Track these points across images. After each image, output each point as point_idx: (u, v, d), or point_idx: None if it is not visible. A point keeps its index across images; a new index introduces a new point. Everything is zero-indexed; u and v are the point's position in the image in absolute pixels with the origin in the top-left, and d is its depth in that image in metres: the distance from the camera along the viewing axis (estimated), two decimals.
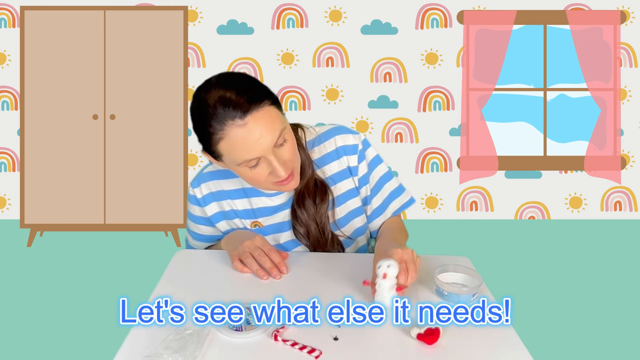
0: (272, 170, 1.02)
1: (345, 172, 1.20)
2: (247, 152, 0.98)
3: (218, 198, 1.21)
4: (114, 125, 3.37)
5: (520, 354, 0.81)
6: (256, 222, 1.20)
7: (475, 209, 3.96)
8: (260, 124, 0.97)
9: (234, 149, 0.98)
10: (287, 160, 1.03)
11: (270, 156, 1.00)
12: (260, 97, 0.98)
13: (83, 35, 3.33)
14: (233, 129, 0.96)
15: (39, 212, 3.33)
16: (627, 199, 3.94)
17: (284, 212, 1.19)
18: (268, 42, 3.82)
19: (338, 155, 1.19)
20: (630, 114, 3.89)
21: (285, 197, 1.19)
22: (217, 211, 1.22)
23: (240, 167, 1.02)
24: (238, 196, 1.20)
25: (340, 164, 1.20)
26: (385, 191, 1.24)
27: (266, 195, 1.19)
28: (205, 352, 0.79)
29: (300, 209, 1.16)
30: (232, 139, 0.97)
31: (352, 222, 1.22)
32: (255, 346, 0.81)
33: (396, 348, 0.81)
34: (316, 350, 0.79)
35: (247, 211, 1.20)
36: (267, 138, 0.97)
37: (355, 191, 1.22)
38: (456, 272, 1.03)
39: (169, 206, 3.38)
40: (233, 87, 0.98)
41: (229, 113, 0.96)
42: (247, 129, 0.96)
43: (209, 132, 0.98)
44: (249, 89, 0.99)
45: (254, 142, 0.97)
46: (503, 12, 3.79)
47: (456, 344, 0.82)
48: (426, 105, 3.89)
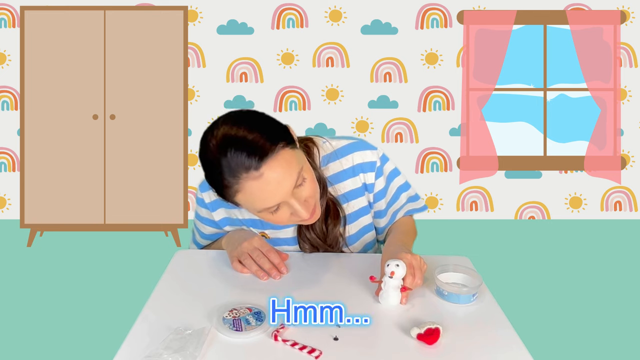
0: (293, 213, 0.98)
1: (360, 190, 1.18)
2: (265, 202, 0.93)
3: (226, 205, 1.19)
4: (114, 125, 3.37)
5: (520, 354, 0.81)
6: (263, 233, 1.19)
7: (475, 209, 3.96)
8: (277, 172, 0.91)
9: (252, 200, 0.94)
10: (308, 198, 0.98)
11: (291, 200, 0.95)
12: (274, 141, 0.92)
13: (83, 35, 3.33)
14: (248, 182, 0.90)
15: (39, 212, 3.33)
16: (627, 199, 3.94)
17: (289, 229, 1.19)
18: (268, 42, 3.81)
19: (354, 173, 1.16)
20: (630, 114, 3.89)
21: None
22: (225, 217, 1.21)
23: (261, 214, 0.98)
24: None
25: (355, 182, 1.16)
26: (401, 200, 1.25)
27: None
28: (205, 352, 0.79)
29: (307, 229, 1.15)
30: (249, 191, 0.92)
31: (363, 238, 1.23)
32: (255, 346, 0.81)
33: (396, 348, 0.81)
34: (316, 350, 0.79)
35: (255, 221, 1.19)
36: (285, 184, 0.92)
37: (368, 208, 1.21)
38: (456, 272, 1.03)
39: (169, 206, 3.38)
40: (243, 134, 0.91)
41: (242, 165, 0.89)
42: (264, 179, 0.90)
43: (224, 185, 0.94)
44: (261, 133, 0.92)
45: (272, 192, 0.92)
46: (503, 12, 3.79)
47: (456, 344, 0.82)
48: (426, 105, 3.89)
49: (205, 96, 3.84)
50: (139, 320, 0.89)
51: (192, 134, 3.84)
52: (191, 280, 1.05)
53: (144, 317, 0.90)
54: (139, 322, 0.88)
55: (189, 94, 3.79)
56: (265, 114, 0.99)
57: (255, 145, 0.90)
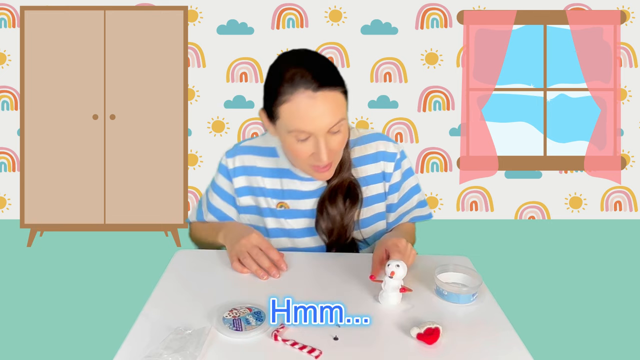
0: (316, 152, 1.04)
1: (379, 176, 1.23)
2: (303, 123, 1.01)
3: (249, 173, 1.22)
4: (114, 125, 3.37)
5: (520, 354, 0.81)
6: (282, 203, 1.20)
7: (475, 209, 3.96)
8: (327, 104, 1.01)
9: (294, 115, 1.01)
10: (333, 150, 1.06)
11: (321, 138, 1.03)
12: (337, 81, 1.04)
13: (83, 35, 3.33)
14: (301, 97, 1.00)
15: (39, 212, 3.33)
16: (627, 199, 3.94)
17: (311, 200, 1.20)
18: (268, 42, 3.82)
19: (376, 159, 1.23)
20: (630, 114, 3.89)
21: (317, 186, 1.20)
22: (245, 185, 1.22)
23: (289, 136, 1.04)
24: (270, 175, 1.21)
25: (376, 167, 1.23)
26: (412, 202, 1.29)
27: (298, 179, 1.20)
28: (205, 352, 0.79)
29: (330, 205, 1.17)
30: (296, 105, 1.00)
31: (374, 225, 1.24)
32: (255, 346, 0.81)
33: (396, 348, 0.81)
34: (316, 350, 0.79)
35: (276, 191, 1.21)
36: (326, 119, 1.01)
37: (383, 196, 1.25)
38: (456, 272, 1.03)
39: (169, 206, 3.38)
40: (317, 63, 1.03)
41: (304, 82, 1.00)
42: (314, 102, 1.00)
43: (278, 92, 1.02)
44: (330, 71, 1.04)
45: (313, 117, 1.00)
46: (503, 12, 3.79)
47: (456, 344, 0.82)
48: (426, 105, 3.90)
49: (205, 96, 3.84)
50: (139, 320, 0.89)
51: (192, 134, 3.84)
52: (191, 280, 1.05)
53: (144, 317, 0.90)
54: (139, 322, 0.88)
55: (189, 94, 3.79)
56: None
57: (324, 73, 1.02)
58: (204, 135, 3.86)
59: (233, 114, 3.86)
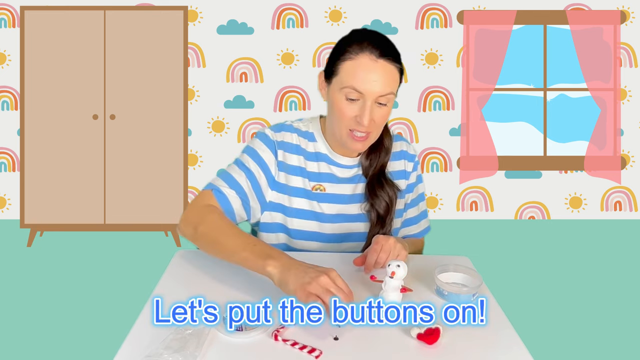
0: (360, 115, 1.09)
1: (402, 174, 1.30)
2: (359, 82, 1.08)
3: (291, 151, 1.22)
4: (114, 125, 3.37)
5: (520, 354, 0.81)
6: (319, 186, 1.22)
7: (475, 209, 3.96)
8: (384, 73, 1.08)
9: (352, 72, 1.09)
10: (375, 120, 1.11)
11: (369, 101, 1.09)
12: (397, 58, 1.12)
13: (83, 35, 3.33)
14: (364, 58, 1.08)
15: (39, 212, 3.33)
16: (627, 199, 3.94)
17: (347, 186, 1.23)
18: (268, 42, 3.82)
19: (400, 157, 1.31)
20: (630, 114, 3.89)
21: (353, 173, 1.24)
22: (282, 161, 1.21)
23: (340, 93, 1.11)
24: (311, 158, 1.23)
25: (400, 164, 1.30)
26: (420, 207, 1.35)
27: (335, 165, 1.23)
28: (205, 352, 0.79)
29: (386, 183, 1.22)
30: (358, 64, 1.08)
31: (396, 220, 1.28)
32: (255, 346, 0.81)
33: (396, 348, 0.81)
34: (316, 350, 0.79)
35: (313, 174, 1.22)
36: (379, 85, 1.08)
37: (403, 194, 1.30)
38: (456, 272, 1.03)
39: (169, 206, 3.38)
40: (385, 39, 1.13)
41: (370, 48, 1.09)
42: (374, 66, 1.08)
43: (345, 50, 1.11)
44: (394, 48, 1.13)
45: (370, 80, 1.08)
46: (503, 12, 3.79)
47: (456, 344, 0.82)
48: (426, 105, 3.90)
49: (205, 96, 3.84)
50: (139, 320, 0.89)
51: (192, 134, 3.84)
52: (191, 280, 1.04)
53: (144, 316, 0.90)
54: (139, 322, 0.88)
55: (189, 94, 3.79)
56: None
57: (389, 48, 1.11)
58: (204, 135, 3.86)
59: (233, 114, 3.86)
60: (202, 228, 1.07)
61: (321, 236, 1.22)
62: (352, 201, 1.24)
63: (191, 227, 1.09)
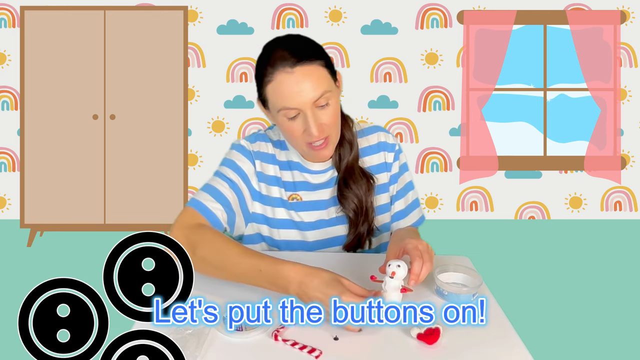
0: (307, 127, 1.06)
1: (382, 166, 1.26)
2: (287, 100, 1.04)
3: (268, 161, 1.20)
4: (114, 125, 3.37)
5: (520, 353, 0.81)
6: (295, 195, 1.20)
7: (475, 209, 3.96)
8: (306, 78, 1.03)
9: (277, 93, 1.05)
10: (324, 124, 1.07)
11: (308, 112, 1.04)
12: (313, 55, 1.06)
13: (83, 35, 3.33)
14: (281, 75, 1.04)
15: (39, 212, 3.33)
16: (627, 199, 3.94)
17: (323, 191, 1.21)
18: None
19: (379, 149, 1.26)
20: (630, 114, 3.89)
21: (327, 177, 1.21)
22: (260, 171, 1.20)
23: (279, 116, 1.07)
24: (284, 167, 1.21)
25: (379, 157, 1.26)
26: (408, 199, 1.29)
27: (309, 172, 1.20)
28: (205, 352, 0.79)
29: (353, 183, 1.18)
30: (278, 83, 1.04)
31: (382, 216, 1.25)
32: (255, 346, 0.81)
33: (396, 348, 0.81)
34: (316, 350, 0.79)
35: (288, 183, 1.21)
36: (308, 92, 1.03)
37: (387, 187, 1.26)
38: (456, 272, 1.03)
39: (169, 206, 3.38)
40: (294, 42, 1.09)
41: (281, 60, 1.04)
42: (293, 77, 1.03)
43: (263, 74, 1.07)
44: (307, 46, 1.08)
45: (295, 92, 1.03)
46: (503, 12, 3.79)
47: (456, 344, 0.82)
48: (426, 105, 3.89)
49: (205, 96, 3.84)
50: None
51: (192, 134, 3.84)
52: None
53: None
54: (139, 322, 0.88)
55: (189, 94, 3.79)
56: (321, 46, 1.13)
57: (301, 49, 1.06)
58: (204, 135, 3.86)
59: (233, 114, 3.85)
60: (200, 252, 1.00)
61: (305, 245, 1.20)
62: (330, 206, 1.21)
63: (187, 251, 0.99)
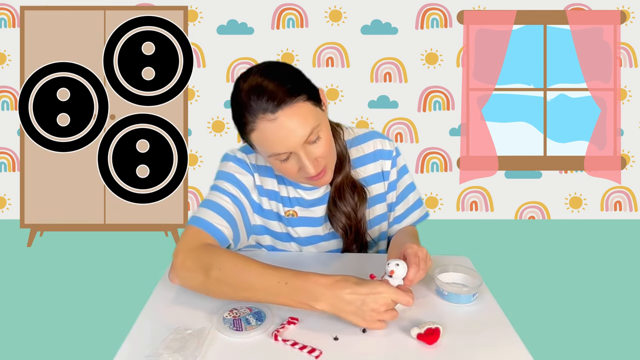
0: (301, 167, 1.01)
1: (379, 176, 1.22)
2: (276, 147, 0.97)
3: (266, 174, 1.17)
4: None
5: (520, 354, 0.81)
6: (291, 211, 1.17)
7: (475, 209, 3.96)
8: (292, 120, 0.95)
9: (264, 142, 0.98)
10: (318, 157, 1.02)
11: (300, 152, 0.98)
12: (295, 92, 0.96)
13: (83, 35, 3.33)
14: (263, 123, 0.96)
15: (39, 212, 3.33)
16: (627, 199, 3.94)
17: (318, 208, 1.18)
18: (268, 42, 3.81)
19: (375, 158, 1.22)
20: (630, 114, 3.89)
21: (322, 193, 1.18)
22: (260, 184, 1.17)
23: (270, 159, 1.02)
24: (281, 182, 1.18)
25: (375, 167, 1.22)
26: (408, 201, 1.26)
27: (302, 189, 1.18)
28: (205, 352, 0.79)
29: (341, 201, 1.15)
30: (262, 132, 0.97)
31: (380, 226, 1.24)
32: (255, 346, 0.81)
33: (396, 348, 0.81)
34: (316, 350, 0.79)
35: (286, 198, 1.18)
36: (297, 134, 0.96)
37: (384, 196, 1.23)
38: (456, 272, 1.03)
39: (169, 206, 3.38)
40: (269, 79, 0.97)
41: (260, 106, 0.95)
42: (278, 123, 0.95)
43: (243, 122, 0.99)
44: (285, 82, 0.97)
45: (283, 137, 0.96)
46: (503, 12, 3.79)
47: (456, 344, 0.82)
48: (426, 105, 3.89)
49: (205, 96, 3.84)
50: (139, 320, 0.89)
51: (192, 134, 3.84)
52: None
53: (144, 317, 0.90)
54: (139, 322, 0.88)
55: (189, 94, 3.79)
56: (297, 69, 1.03)
57: (275, 92, 0.95)
58: (204, 135, 3.86)
59: None
60: (215, 273, 0.92)
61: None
62: (325, 222, 1.19)
63: (199, 274, 0.94)
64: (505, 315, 0.92)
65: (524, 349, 0.82)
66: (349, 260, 1.15)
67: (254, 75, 0.99)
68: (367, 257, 1.17)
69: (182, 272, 0.96)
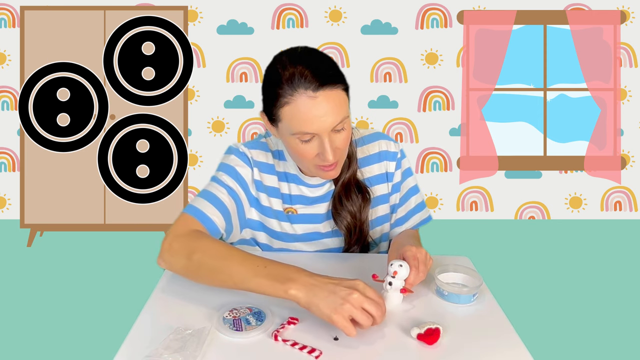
0: (321, 152, 1.01)
1: (383, 177, 1.23)
2: (306, 125, 0.98)
3: (267, 171, 1.17)
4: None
5: (520, 353, 0.81)
6: (290, 208, 1.17)
7: (475, 209, 3.96)
8: (329, 103, 0.98)
9: (296, 117, 0.98)
10: (338, 148, 1.03)
11: (325, 137, 1.00)
12: (337, 79, 1.00)
13: (83, 35, 3.33)
14: (302, 98, 0.97)
15: (39, 212, 3.33)
16: (627, 199, 3.94)
17: (319, 206, 1.18)
18: (268, 42, 3.81)
19: (380, 159, 1.23)
20: (630, 114, 3.89)
21: (324, 191, 1.18)
22: (259, 180, 1.17)
23: (292, 138, 1.01)
24: (282, 179, 1.18)
25: (380, 167, 1.23)
26: (410, 204, 1.26)
27: (306, 185, 1.17)
28: (205, 352, 0.79)
29: (346, 200, 1.15)
30: (298, 107, 0.97)
31: (382, 227, 1.24)
32: (255, 346, 0.81)
33: (396, 348, 0.81)
34: (316, 350, 0.79)
35: (286, 195, 1.18)
36: (330, 118, 0.98)
37: (387, 197, 1.24)
38: (456, 272, 1.03)
39: (169, 206, 3.38)
40: (315, 61, 1.00)
41: (303, 82, 0.97)
42: (316, 102, 0.97)
43: (278, 94, 0.99)
44: (329, 68, 1.01)
45: (317, 118, 0.97)
46: (503, 12, 3.79)
47: (456, 344, 0.82)
48: (426, 105, 3.90)
49: (205, 96, 3.84)
50: (139, 320, 0.89)
51: (192, 134, 3.84)
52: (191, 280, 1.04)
53: (144, 317, 0.90)
54: (139, 322, 0.88)
55: (189, 94, 3.79)
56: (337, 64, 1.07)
57: (324, 71, 0.99)
58: (204, 135, 3.86)
59: (233, 114, 3.85)
60: (197, 256, 0.94)
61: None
62: (326, 220, 1.19)
63: (182, 257, 0.95)
64: (505, 315, 0.92)
65: (524, 349, 0.82)
66: (350, 260, 1.15)
67: (300, 54, 1.03)
68: (369, 257, 1.17)
69: (167, 256, 0.98)
